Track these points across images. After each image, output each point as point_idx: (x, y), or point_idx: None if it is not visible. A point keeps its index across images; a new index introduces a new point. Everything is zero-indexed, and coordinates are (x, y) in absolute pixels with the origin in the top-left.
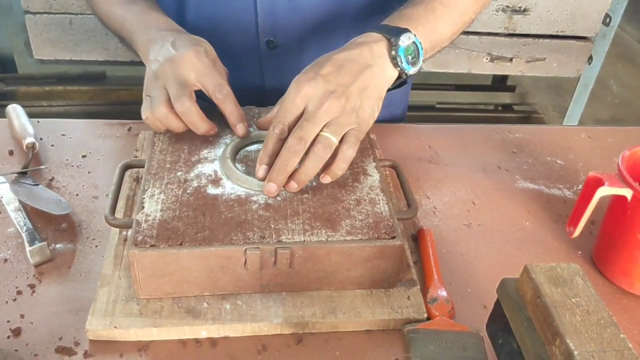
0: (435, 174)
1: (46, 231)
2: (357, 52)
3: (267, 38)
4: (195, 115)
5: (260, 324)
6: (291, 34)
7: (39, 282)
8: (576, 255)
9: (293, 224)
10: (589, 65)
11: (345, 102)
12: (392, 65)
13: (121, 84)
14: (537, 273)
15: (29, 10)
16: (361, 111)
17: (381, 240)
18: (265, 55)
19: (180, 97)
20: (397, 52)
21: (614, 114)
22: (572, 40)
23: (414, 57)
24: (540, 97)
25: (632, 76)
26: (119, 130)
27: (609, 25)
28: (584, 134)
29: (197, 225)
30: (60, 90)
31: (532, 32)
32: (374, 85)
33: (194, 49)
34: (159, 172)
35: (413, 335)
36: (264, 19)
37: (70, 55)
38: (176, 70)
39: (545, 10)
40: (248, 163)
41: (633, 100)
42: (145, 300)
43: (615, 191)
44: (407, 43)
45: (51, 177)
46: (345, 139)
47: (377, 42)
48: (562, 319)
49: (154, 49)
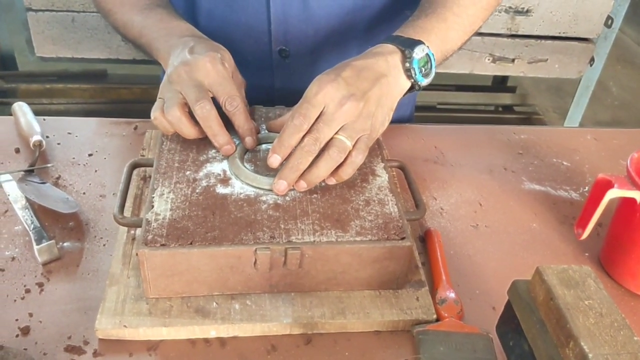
0: (442, 174)
1: (54, 229)
2: (374, 61)
3: (280, 47)
4: (214, 121)
5: (270, 324)
6: (304, 44)
7: (47, 280)
8: (583, 257)
9: (303, 224)
10: (591, 66)
11: (363, 107)
12: (405, 76)
13: (122, 82)
14: (549, 275)
15: (31, 8)
16: (374, 118)
17: (391, 241)
18: (277, 65)
19: (200, 100)
20: (411, 64)
21: (614, 116)
22: (574, 41)
23: (427, 69)
24: (541, 98)
25: (632, 78)
26: (125, 128)
27: (611, 27)
28: (589, 135)
29: (207, 225)
30: (61, 88)
31: (535, 33)
32: (388, 94)
33: (211, 55)
34: (167, 171)
35: (422, 336)
36: (276, 29)
37: (72, 53)
38: (191, 74)
39: (547, 11)
40: (257, 163)
41: (633, 102)
42: (155, 300)
43: (624, 193)
44: (420, 55)
45: (58, 175)
46: (357, 145)
47: (391, 53)
48: (576, 321)
49: (174, 53)
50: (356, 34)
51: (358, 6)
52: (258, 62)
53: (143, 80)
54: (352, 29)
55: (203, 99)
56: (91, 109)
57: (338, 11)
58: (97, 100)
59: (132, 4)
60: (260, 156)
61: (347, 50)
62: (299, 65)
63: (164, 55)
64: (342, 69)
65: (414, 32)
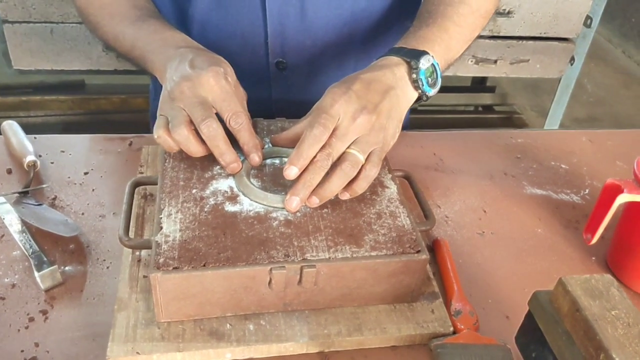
0: (443, 182)
1: (54, 253)
2: (381, 73)
3: (277, 59)
4: (221, 140)
5: (286, 344)
6: (301, 56)
7: (51, 307)
8: (591, 261)
9: (316, 241)
10: (571, 65)
11: (375, 120)
12: (412, 87)
13: (101, 93)
14: (573, 286)
15: (7, 20)
16: (386, 131)
17: (406, 255)
18: (275, 77)
19: (206, 120)
20: (418, 75)
21: (590, 113)
22: (554, 41)
23: (433, 79)
24: (519, 98)
25: (605, 75)
26: (119, 145)
27: (590, 26)
28: (584, 137)
29: (219, 245)
30: (38, 100)
31: (516, 34)
32: (398, 106)
33: (214, 70)
34: (173, 190)
35: (441, 350)
36: (273, 41)
37: (51, 65)
38: (194, 90)
39: (528, 12)
40: (263, 178)
41: (607, 98)
42: (167, 324)
43: (634, 198)
44: (426, 65)
45: (54, 196)
46: (370, 158)
47: (397, 65)
48: (605, 332)
49: (171, 66)
50: (354, 46)
51: (356, 17)
52: (255, 75)
53: (122, 90)
54: (350, 40)
55: (209, 117)
56: (70, 120)
57: (335, 22)
58: (75, 111)
59: (123, 16)
60: (266, 171)
61: (345, 62)
62: (297, 77)
63: (159, 67)
64: (351, 82)
65: (417, 43)
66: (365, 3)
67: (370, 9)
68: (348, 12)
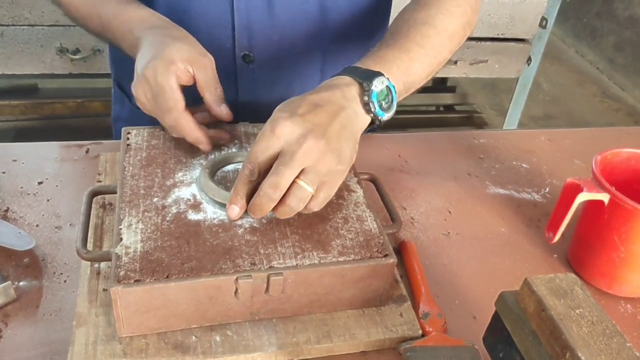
0: (408, 183)
1: (6, 268)
2: (330, 94)
3: (244, 52)
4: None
5: (254, 354)
6: (268, 50)
7: (5, 325)
8: (552, 258)
9: (283, 248)
10: (528, 65)
11: (325, 145)
12: (364, 110)
13: (55, 97)
14: (538, 286)
15: None
16: (341, 154)
17: (374, 259)
18: (241, 70)
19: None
20: (370, 97)
21: (546, 111)
22: (511, 42)
23: (387, 102)
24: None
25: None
26: (76, 152)
27: (545, 27)
28: (543, 136)
29: (182, 255)
30: None
31: (475, 35)
32: (350, 127)
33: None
34: (133, 199)
35: (410, 353)
36: (240, 34)
37: (2, 69)
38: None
39: (486, 14)
40: (227, 184)
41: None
42: (129, 339)
43: (593, 196)
44: (380, 88)
45: (6, 207)
46: (317, 194)
47: (348, 85)
48: (570, 331)
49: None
50: (322, 44)
51: (324, 15)
52: (222, 69)
53: (78, 94)
54: (317, 38)
55: None
56: (23, 126)
57: (302, 19)
58: (29, 116)
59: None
60: (229, 177)
61: (312, 60)
62: (264, 71)
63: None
64: (296, 105)
65: (374, 64)
66: (332, 1)
67: (338, 9)
68: (315, 9)
